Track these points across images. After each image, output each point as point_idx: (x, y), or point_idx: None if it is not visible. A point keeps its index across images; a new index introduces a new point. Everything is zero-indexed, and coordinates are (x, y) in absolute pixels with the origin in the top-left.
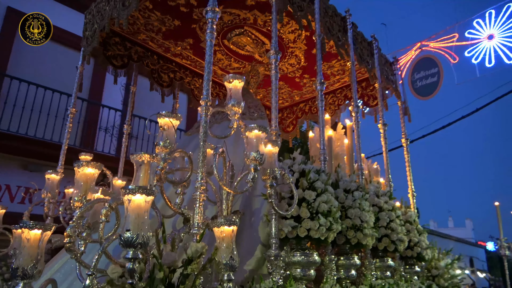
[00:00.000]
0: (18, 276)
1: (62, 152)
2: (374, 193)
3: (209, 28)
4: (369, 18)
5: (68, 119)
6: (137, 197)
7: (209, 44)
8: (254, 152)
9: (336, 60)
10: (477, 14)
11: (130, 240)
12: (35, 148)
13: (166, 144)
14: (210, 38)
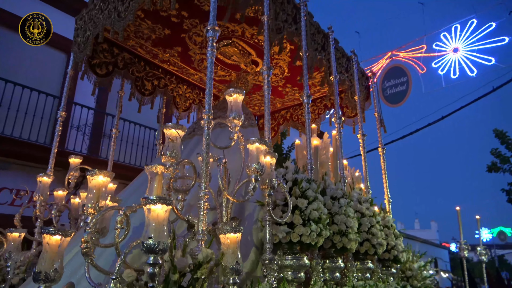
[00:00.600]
0: (41, 280)
1: (52, 155)
2: (357, 199)
3: (209, 46)
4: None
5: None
6: (157, 207)
7: (210, 61)
8: (255, 164)
9: (318, 72)
10: (444, 27)
11: (152, 246)
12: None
13: (173, 154)
14: (211, 55)
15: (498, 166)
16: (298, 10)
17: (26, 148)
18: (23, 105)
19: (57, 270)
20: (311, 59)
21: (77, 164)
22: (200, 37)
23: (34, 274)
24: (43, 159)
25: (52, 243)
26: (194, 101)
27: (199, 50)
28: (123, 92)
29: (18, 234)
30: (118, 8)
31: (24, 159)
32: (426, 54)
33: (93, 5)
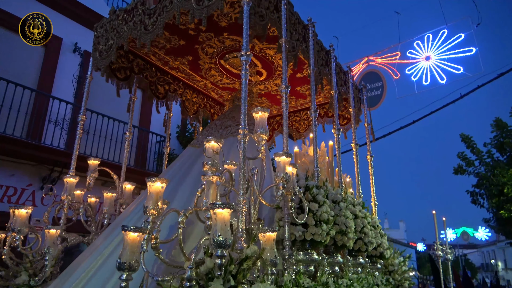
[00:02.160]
0: (125, 269)
1: (74, 157)
2: (351, 203)
3: (243, 69)
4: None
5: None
6: (222, 210)
7: (244, 83)
8: (282, 173)
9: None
10: (417, 36)
11: (222, 242)
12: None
13: (214, 164)
14: (245, 78)
15: (464, 169)
16: (306, 30)
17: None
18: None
19: (137, 261)
20: (317, 75)
21: (96, 166)
22: (212, 48)
23: (119, 264)
24: (17, 154)
25: (132, 239)
26: (200, 105)
27: (209, 60)
28: (136, 97)
29: (54, 230)
30: (144, 21)
31: None
32: (400, 61)
33: (115, 15)
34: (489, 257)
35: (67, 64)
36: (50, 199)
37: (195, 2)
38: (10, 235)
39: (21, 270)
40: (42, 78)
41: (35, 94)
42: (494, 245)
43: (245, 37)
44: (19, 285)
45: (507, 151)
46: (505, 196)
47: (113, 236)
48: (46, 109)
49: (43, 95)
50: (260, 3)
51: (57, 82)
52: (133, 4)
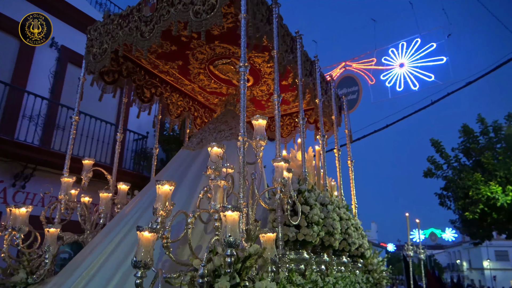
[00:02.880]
0: (141, 266)
1: (68, 157)
2: (337, 205)
3: (242, 80)
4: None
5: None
6: (232, 213)
7: (242, 93)
8: (280, 178)
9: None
10: (392, 44)
11: (231, 242)
12: None
13: (218, 169)
14: (244, 87)
15: (433, 172)
16: (294, 42)
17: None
18: None
19: (151, 259)
20: (304, 85)
21: (90, 165)
22: (202, 54)
23: (134, 262)
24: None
25: (146, 238)
26: (184, 108)
27: (198, 65)
28: (126, 99)
29: (54, 229)
30: (141, 28)
31: None
32: (375, 67)
33: (109, 19)
34: (455, 257)
35: (43, 59)
36: (22, 196)
37: (193, 14)
38: (9, 233)
39: (19, 268)
40: (16, 72)
41: (8, 89)
42: (460, 246)
43: (243, 49)
44: (17, 282)
45: (472, 156)
46: (470, 199)
47: (113, 234)
48: (20, 104)
49: (17, 90)
50: (256, 16)
51: (32, 77)
52: (129, 10)
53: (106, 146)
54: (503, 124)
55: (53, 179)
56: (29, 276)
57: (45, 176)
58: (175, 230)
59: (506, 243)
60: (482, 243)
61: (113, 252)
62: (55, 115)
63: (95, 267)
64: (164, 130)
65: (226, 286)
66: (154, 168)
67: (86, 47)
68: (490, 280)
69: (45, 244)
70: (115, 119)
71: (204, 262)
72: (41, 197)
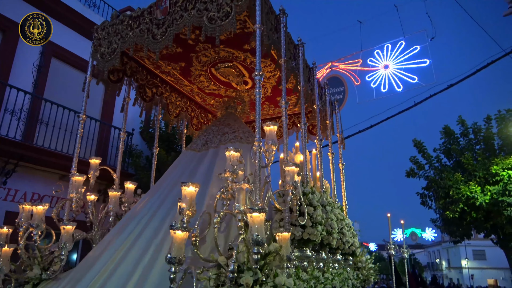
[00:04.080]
0: (175, 263)
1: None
2: (332, 206)
3: (257, 88)
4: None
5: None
6: (258, 214)
7: (258, 100)
8: (292, 181)
9: (293, 95)
10: (377, 45)
11: (259, 241)
12: None
13: (235, 172)
14: (259, 95)
15: (415, 172)
16: (296, 49)
17: None
18: None
19: (184, 256)
20: (306, 91)
21: (97, 164)
22: (206, 57)
23: (169, 258)
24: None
25: (179, 237)
26: (182, 108)
27: (200, 67)
28: (129, 99)
29: (71, 226)
30: (152, 30)
31: None
32: (361, 68)
33: (118, 20)
34: (434, 256)
35: (27, 52)
36: (3, 193)
37: (207, 20)
38: (23, 230)
39: (33, 264)
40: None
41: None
42: (439, 245)
43: (258, 59)
44: (32, 278)
45: (453, 156)
46: (451, 198)
47: (127, 232)
48: (2, 98)
49: (0, 83)
50: (266, 25)
51: (15, 70)
52: (139, 11)
53: (90, 142)
54: (482, 126)
55: (35, 175)
56: (43, 272)
57: (27, 172)
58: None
59: (484, 243)
60: (462, 241)
61: (130, 248)
62: (38, 109)
63: (113, 263)
64: (149, 127)
65: (250, 281)
66: (155, 168)
67: (93, 46)
68: (468, 279)
69: (60, 241)
70: (99, 115)
71: (234, 259)
72: (23, 194)
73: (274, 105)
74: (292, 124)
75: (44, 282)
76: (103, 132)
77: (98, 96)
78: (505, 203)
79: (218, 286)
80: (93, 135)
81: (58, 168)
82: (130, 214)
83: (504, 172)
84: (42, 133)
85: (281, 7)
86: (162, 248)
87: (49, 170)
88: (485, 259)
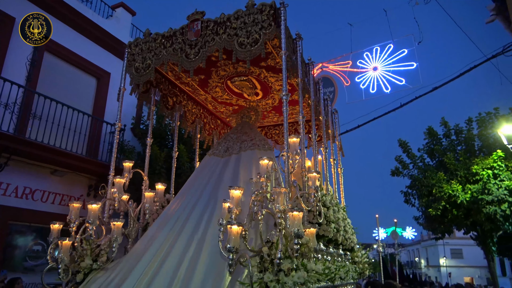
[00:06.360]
0: (233, 251)
1: (113, 159)
2: (338, 207)
3: (284, 106)
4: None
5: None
6: (296, 212)
7: (285, 116)
8: (313, 186)
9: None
10: (367, 48)
11: (299, 234)
12: None
13: (269, 177)
14: (286, 113)
15: (400, 171)
16: (307, 67)
17: None
18: None
19: (239, 246)
20: (315, 105)
21: (130, 168)
22: (224, 72)
23: (229, 248)
24: None
25: (235, 231)
26: (197, 116)
27: (218, 79)
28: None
29: (120, 222)
30: (185, 50)
31: None
32: (351, 69)
33: (151, 38)
34: (414, 255)
35: (20, 46)
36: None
37: (237, 44)
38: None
39: (85, 256)
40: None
41: None
42: (419, 244)
43: (284, 81)
44: (84, 268)
45: (436, 156)
46: (433, 196)
47: (168, 228)
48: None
49: None
50: (288, 49)
51: (8, 63)
52: (171, 32)
53: (82, 138)
54: (464, 128)
55: (28, 169)
56: (94, 263)
57: (19, 166)
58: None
59: (461, 241)
60: (443, 237)
61: (174, 242)
62: (31, 103)
63: (161, 255)
64: (141, 123)
65: (288, 267)
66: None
67: (127, 61)
68: (446, 277)
69: (112, 235)
70: (91, 110)
71: (281, 249)
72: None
73: (279, 113)
74: (294, 131)
75: (94, 271)
76: (95, 127)
77: (90, 91)
78: (484, 201)
79: (260, 272)
80: (85, 130)
81: (50, 162)
82: (166, 213)
83: (483, 172)
84: (35, 127)
85: (297, 32)
86: (204, 241)
87: (41, 164)
88: (462, 258)
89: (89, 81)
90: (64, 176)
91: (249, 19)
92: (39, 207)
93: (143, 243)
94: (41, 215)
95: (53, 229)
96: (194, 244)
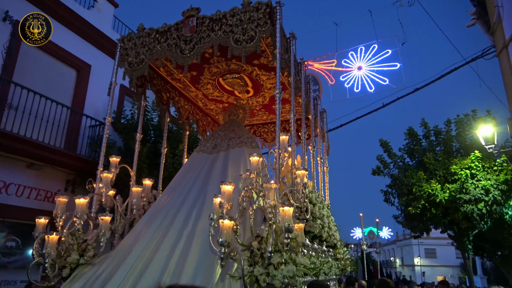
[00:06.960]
0: (225, 245)
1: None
2: (322, 204)
3: (277, 104)
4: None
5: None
6: (287, 208)
7: (278, 113)
8: (302, 183)
9: (288, 104)
10: (352, 47)
11: (290, 228)
12: None
13: (260, 173)
14: (279, 110)
15: (381, 170)
16: (299, 66)
17: None
18: None
19: (231, 240)
20: (306, 104)
21: (117, 163)
22: (217, 69)
23: (220, 242)
24: None
25: (227, 225)
26: (189, 112)
27: (210, 76)
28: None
29: (108, 217)
30: (180, 45)
31: None
32: (336, 68)
33: (145, 33)
34: (389, 254)
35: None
36: None
37: (233, 41)
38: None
39: (71, 251)
40: None
41: None
42: (394, 244)
43: (278, 79)
44: (70, 263)
45: (416, 156)
46: (413, 195)
47: (157, 223)
48: None
49: None
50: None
51: None
52: (166, 27)
53: (61, 131)
54: (443, 129)
55: (2, 162)
56: (81, 257)
57: None
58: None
59: (434, 241)
60: (422, 235)
61: (163, 237)
62: (6, 93)
63: (150, 249)
64: (122, 117)
65: (278, 260)
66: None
67: (120, 55)
68: (420, 276)
69: (100, 229)
70: (70, 102)
71: (272, 243)
72: None
73: (269, 111)
74: (283, 129)
75: (81, 266)
76: (74, 120)
77: (69, 83)
78: (462, 200)
79: (250, 265)
80: (64, 123)
81: (26, 155)
82: (154, 208)
83: (462, 172)
84: (10, 118)
85: (291, 31)
86: (194, 235)
87: (16, 157)
88: (435, 257)
89: (69, 72)
90: (41, 170)
91: (245, 16)
92: (13, 202)
93: (131, 238)
94: (16, 210)
95: (38, 224)
96: (184, 238)
